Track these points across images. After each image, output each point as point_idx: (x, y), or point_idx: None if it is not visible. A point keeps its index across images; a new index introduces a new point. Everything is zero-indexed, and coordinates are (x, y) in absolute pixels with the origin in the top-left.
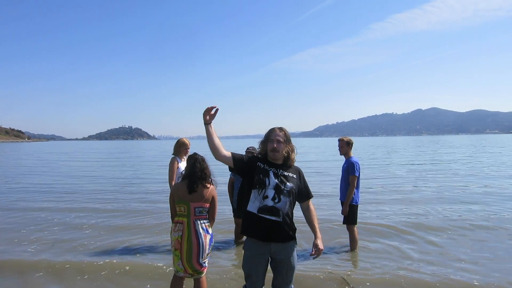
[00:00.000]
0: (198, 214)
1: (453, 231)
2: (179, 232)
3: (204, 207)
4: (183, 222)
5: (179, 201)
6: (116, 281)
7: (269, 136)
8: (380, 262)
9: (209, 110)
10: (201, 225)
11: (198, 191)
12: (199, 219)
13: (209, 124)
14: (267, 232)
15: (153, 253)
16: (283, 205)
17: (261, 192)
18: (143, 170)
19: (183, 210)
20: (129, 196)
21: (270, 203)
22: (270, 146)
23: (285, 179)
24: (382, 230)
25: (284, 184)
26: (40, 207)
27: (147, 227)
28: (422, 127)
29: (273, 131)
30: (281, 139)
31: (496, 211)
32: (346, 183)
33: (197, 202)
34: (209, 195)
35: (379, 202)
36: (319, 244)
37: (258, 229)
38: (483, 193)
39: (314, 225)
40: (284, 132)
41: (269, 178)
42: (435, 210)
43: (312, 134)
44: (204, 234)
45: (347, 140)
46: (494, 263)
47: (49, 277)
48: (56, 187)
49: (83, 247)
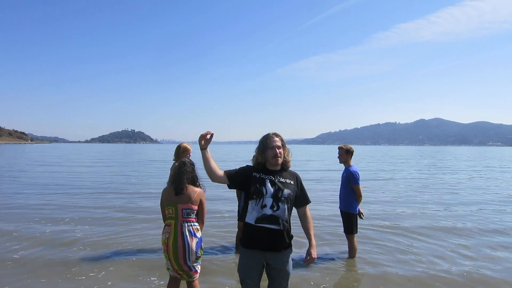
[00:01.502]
0: (185, 216)
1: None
2: (166, 234)
3: (192, 209)
4: (171, 224)
5: (167, 203)
6: (123, 273)
7: (267, 143)
8: (379, 268)
9: (204, 135)
10: (188, 228)
11: (185, 193)
12: (187, 222)
13: (205, 149)
14: (266, 241)
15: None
16: (282, 213)
17: (258, 202)
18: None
19: (171, 212)
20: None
21: (269, 212)
22: (271, 154)
23: (282, 185)
24: (382, 237)
25: (281, 192)
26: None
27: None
28: (424, 137)
29: (270, 138)
30: (279, 144)
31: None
32: (346, 192)
33: (184, 204)
34: (197, 197)
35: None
36: (312, 253)
37: (257, 240)
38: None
39: (310, 232)
40: (280, 137)
41: (266, 187)
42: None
43: (315, 141)
44: (190, 237)
45: (347, 148)
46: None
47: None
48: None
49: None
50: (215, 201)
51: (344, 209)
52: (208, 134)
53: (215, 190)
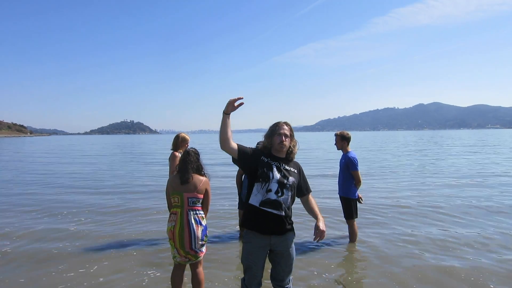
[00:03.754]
0: (191, 204)
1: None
2: (172, 223)
3: (197, 197)
4: (177, 213)
5: (173, 192)
6: (120, 266)
7: (275, 130)
8: (379, 254)
9: (232, 101)
10: (193, 216)
11: (191, 182)
12: (193, 210)
13: (228, 114)
14: (268, 225)
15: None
16: (286, 199)
17: (264, 185)
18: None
19: (177, 200)
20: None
21: (273, 197)
22: (278, 140)
23: (287, 173)
24: (382, 221)
25: (287, 178)
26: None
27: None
28: (423, 121)
29: (279, 125)
30: (287, 133)
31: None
32: (345, 178)
33: (190, 192)
34: (203, 186)
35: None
36: (320, 226)
37: (260, 222)
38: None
39: (315, 210)
40: (290, 127)
41: (273, 172)
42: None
43: (314, 128)
44: (196, 225)
45: (342, 135)
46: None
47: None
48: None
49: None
50: (213, 190)
51: (343, 195)
52: (238, 101)
53: (213, 180)
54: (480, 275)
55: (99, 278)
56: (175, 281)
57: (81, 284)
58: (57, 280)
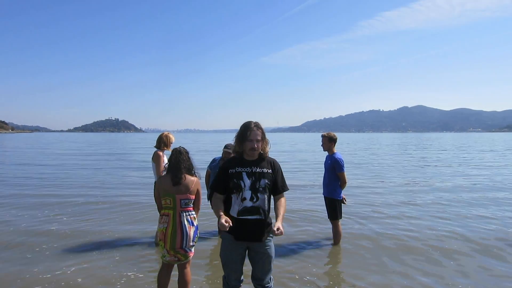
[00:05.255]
0: (184, 206)
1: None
2: (165, 224)
3: (190, 198)
4: (169, 215)
5: (164, 194)
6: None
7: (246, 135)
8: (360, 257)
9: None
10: (186, 217)
11: (183, 183)
12: (185, 211)
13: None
14: (249, 233)
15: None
16: (262, 203)
17: (239, 195)
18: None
19: (169, 202)
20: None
21: (249, 204)
22: (249, 146)
23: (259, 176)
24: (368, 223)
25: (258, 183)
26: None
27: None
28: (407, 124)
29: (250, 130)
30: (259, 138)
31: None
32: (331, 179)
33: (183, 194)
34: (194, 187)
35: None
36: (277, 225)
37: (240, 231)
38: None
39: (280, 212)
40: (261, 130)
41: (243, 180)
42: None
43: (300, 129)
44: (189, 226)
45: (330, 136)
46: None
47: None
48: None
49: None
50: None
51: (328, 195)
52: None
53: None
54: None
55: (77, 279)
56: (162, 281)
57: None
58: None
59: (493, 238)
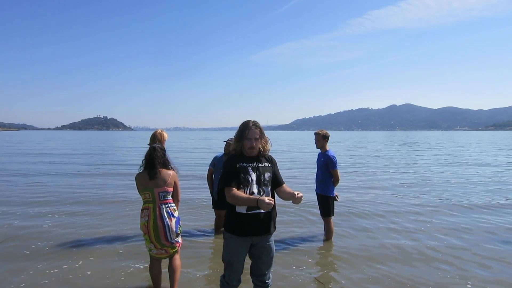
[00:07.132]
0: (162, 198)
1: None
2: (146, 218)
3: (167, 191)
4: (149, 208)
5: (143, 189)
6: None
7: (245, 134)
8: (355, 252)
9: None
10: (166, 209)
11: (159, 177)
12: (164, 204)
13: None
14: (257, 227)
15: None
16: (268, 196)
17: (247, 190)
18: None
19: (148, 196)
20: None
21: None
22: (248, 144)
23: (262, 170)
24: (359, 219)
25: (263, 176)
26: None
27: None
28: (396, 122)
29: (249, 129)
30: (257, 137)
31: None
32: (324, 176)
33: (160, 187)
34: (171, 180)
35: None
36: (297, 192)
37: (248, 226)
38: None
39: (290, 190)
40: (260, 129)
41: (250, 175)
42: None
43: (289, 127)
44: (169, 218)
45: (323, 134)
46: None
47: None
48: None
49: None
50: (190, 189)
51: (321, 192)
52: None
53: (191, 180)
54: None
55: (78, 274)
56: (154, 274)
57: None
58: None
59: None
